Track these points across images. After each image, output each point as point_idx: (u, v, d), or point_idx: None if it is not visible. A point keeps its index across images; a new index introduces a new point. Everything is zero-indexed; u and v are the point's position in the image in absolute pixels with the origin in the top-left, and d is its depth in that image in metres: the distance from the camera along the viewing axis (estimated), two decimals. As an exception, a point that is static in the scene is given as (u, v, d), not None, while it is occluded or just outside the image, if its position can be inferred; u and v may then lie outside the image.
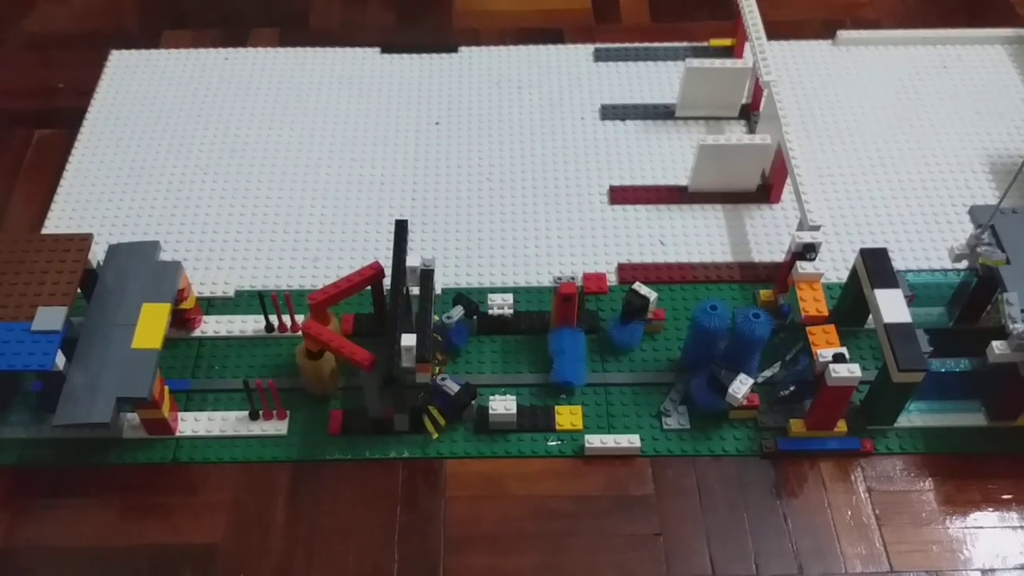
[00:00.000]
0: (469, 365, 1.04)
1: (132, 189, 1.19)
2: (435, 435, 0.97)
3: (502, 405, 0.97)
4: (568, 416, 1.01)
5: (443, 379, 0.97)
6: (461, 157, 1.25)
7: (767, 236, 1.17)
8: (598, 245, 1.17)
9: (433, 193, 1.21)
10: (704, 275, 1.13)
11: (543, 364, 1.04)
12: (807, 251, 1.01)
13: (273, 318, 1.04)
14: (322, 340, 1.02)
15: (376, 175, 1.22)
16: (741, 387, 0.95)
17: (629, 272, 1.13)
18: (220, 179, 1.22)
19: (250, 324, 1.07)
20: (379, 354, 0.91)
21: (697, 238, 1.17)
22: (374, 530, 0.90)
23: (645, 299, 1.01)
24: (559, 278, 1.00)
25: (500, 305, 1.06)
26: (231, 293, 1.10)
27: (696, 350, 0.99)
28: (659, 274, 1.13)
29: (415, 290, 0.97)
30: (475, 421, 0.99)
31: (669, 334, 1.08)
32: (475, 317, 1.03)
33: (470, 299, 1.03)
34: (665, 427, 1.00)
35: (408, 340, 0.95)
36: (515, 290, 1.11)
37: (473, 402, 0.97)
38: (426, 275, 1.00)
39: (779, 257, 1.12)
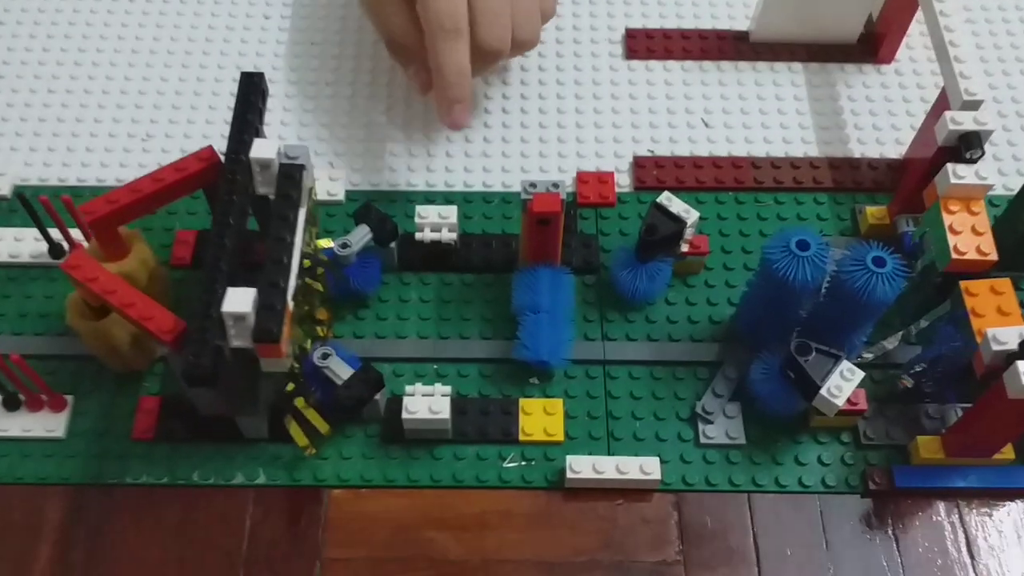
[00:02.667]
0: (379, 326, 0.73)
1: None
2: (308, 450, 0.66)
3: (427, 401, 0.66)
4: (539, 419, 0.68)
5: (324, 356, 0.66)
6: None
7: (875, 116, 0.84)
8: (602, 125, 0.83)
9: (326, 35, 0.89)
10: (773, 178, 0.79)
11: (503, 327, 0.72)
12: (966, 147, 0.66)
13: (59, 234, 0.73)
14: (96, 290, 0.55)
15: (238, 9, 0.91)
16: (844, 383, 0.63)
17: (651, 172, 0.79)
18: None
19: (28, 244, 0.75)
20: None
21: (763, 116, 0.83)
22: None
23: (677, 221, 0.69)
24: (532, 185, 0.67)
25: (435, 224, 0.73)
26: (5, 192, 0.78)
27: (762, 312, 0.67)
28: (700, 176, 0.79)
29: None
30: (381, 425, 0.68)
31: (714, 279, 0.75)
32: (392, 244, 0.73)
33: (383, 214, 0.72)
34: (704, 440, 0.68)
35: (238, 299, 0.56)
36: (463, 198, 0.79)
37: (378, 395, 0.67)
38: (288, 175, 0.62)
39: (893, 150, 0.81)
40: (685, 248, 0.71)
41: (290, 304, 0.59)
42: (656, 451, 0.67)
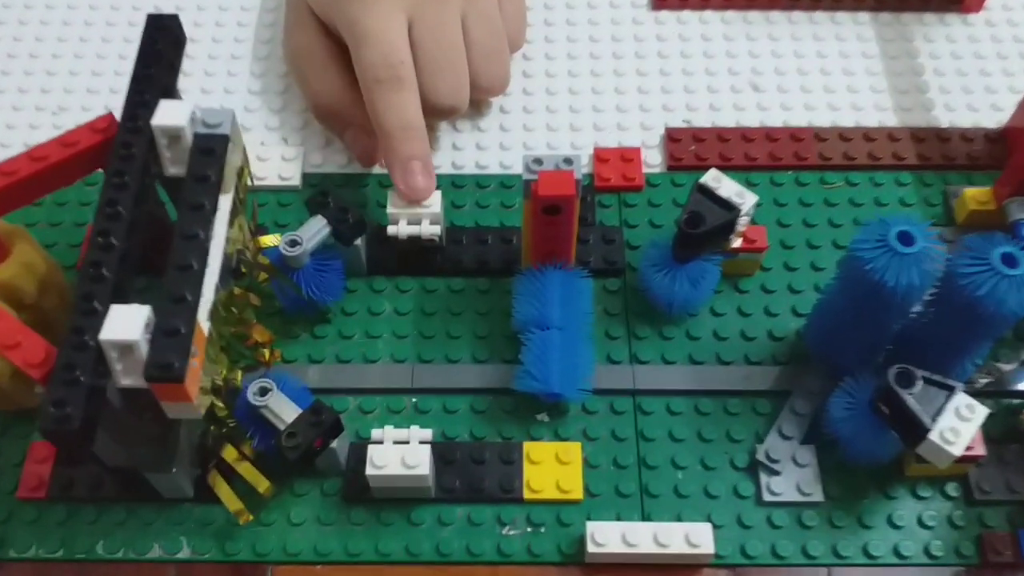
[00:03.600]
0: (342, 347, 0.60)
1: None
2: (243, 516, 0.52)
3: (399, 452, 0.52)
4: (550, 470, 0.56)
5: (263, 391, 0.51)
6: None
7: (964, 76, 0.71)
8: (625, 91, 0.71)
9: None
10: (843, 153, 0.67)
11: (502, 348, 0.60)
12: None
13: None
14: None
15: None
16: (962, 424, 0.49)
17: (687, 148, 0.67)
18: None
19: None
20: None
21: (825, 78, 0.71)
22: None
23: (727, 208, 0.56)
24: (537, 162, 0.53)
25: (413, 215, 0.61)
26: None
27: (844, 326, 0.54)
28: (750, 151, 0.67)
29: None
30: (343, 480, 0.55)
31: (773, 282, 0.63)
32: (359, 241, 0.60)
33: (344, 204, 0.58)
34: (768, 498, 0.55)
35: (123, 321, 0.42)
36: (450, 182, 0.67)
37: (335, 442, 0.52)
38: (205, 150, 0.48)
39: (990, 118, 0.68)
40: (737, 243, 0.59)
41: (204, 325, 0.44)
42: (705, 513, 0.55)
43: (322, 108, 0.65)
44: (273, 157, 0.65)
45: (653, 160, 0.66)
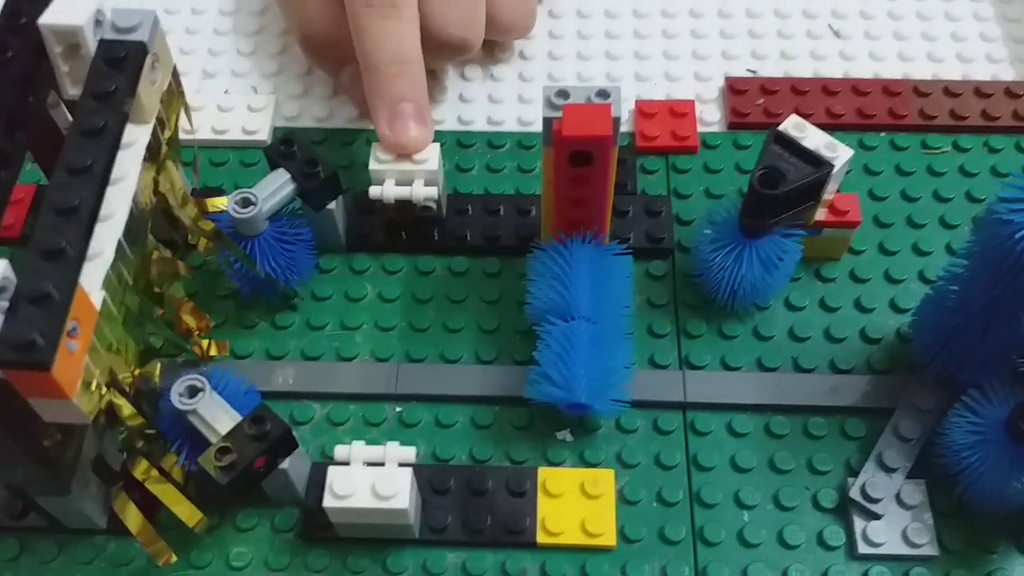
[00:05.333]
0: (310, 340, 0.49)
1: None
2: (162, 557, 0.40)
3: (369, 476, 0.40)
4: (574, 505, 0.44)
5: (192, 391, 0.39)
6: None
7: None
8: (675, 34, 0.60)
9: None
10: (950, 111, 0.55)
11: (512, 345, 0.49)
12: None
13: None
14: None
15: None
16: None
17: (753, 101, 0.56)
18: None
19: None
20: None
21: (923, 23, 0.60)
22: None
23: (815, 163, 0.44)
24: (561, 94, 0.42)
25: (403, 174, 0.49)
26: None
27: (972, 320, 0.43)
28: (833, 107, 0.56)
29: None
30: (301, 512, 0.45)
31: (866, 268, 0.51)
32: (333, 204, 0.48)
33: (313, 156, 0.47)
34: (865, 549, 0.43)
35: None
36: (455, 140, 0.55)
37: (285, 463, 0.41)
38: (112, 60, 0.36)
39: None
40: (821, 214, 0.48)
41: (95, 296, 0.32)
42: (780, 567, 0.44)
43: (314, 39, 0.52)
44: (238, 107, 0.54)
45: (710, 116, 0.56)
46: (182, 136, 0.45)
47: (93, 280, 0.33)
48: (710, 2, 0.60)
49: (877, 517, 0.43)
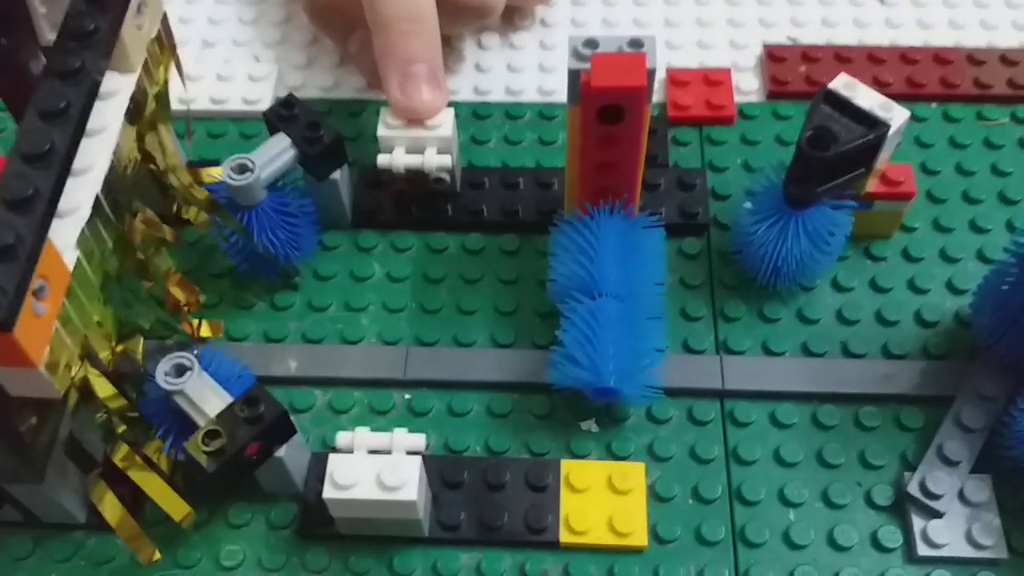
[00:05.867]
0: (312, 322, 0.45)
1: None
2: (145, 553, 0.37)
3: (374, 465, 0.36)
4: (600, 501, 0.41)
5: (179, 370, 0.36)
6: None
7: None
8: (708, 0, 0.57)
9: None
10: (1007, 80, 0.52)
11: (532, 327, 0.46)
12: None
13: None
14: None
15: None
16: None
17: (795, 69, 0.53)
18: None
19: None
20: None
21: None
22: None
23: (869, 124, 0.40)
24: (589, 43, 0.38)
25: (414, 141, 0.45)
26: None
27: None
28: (880, 75, 0.52)
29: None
30: (299, 506, 0.41)
31: (920, 246, 0.47)
32: (337, 174, 0.45)
33: (316, 119, 0.43)
34: (925, 551, 0.40)
35: None
36: (472, 111, 0.52)
37: (281, 450, 0.37)
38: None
39: None
40: (872, 185, 0.44)
41: (68, 255, 0.29)
42: (830, 571, 0.40)
43: (319, 3, 0.49)
44: (238, 75, 0.51)
45: (748, 85, 0.52)
46: (176, 106, 0.42)
47: (66, 237, 0.30)
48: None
49: (938, 515, 0.40)
